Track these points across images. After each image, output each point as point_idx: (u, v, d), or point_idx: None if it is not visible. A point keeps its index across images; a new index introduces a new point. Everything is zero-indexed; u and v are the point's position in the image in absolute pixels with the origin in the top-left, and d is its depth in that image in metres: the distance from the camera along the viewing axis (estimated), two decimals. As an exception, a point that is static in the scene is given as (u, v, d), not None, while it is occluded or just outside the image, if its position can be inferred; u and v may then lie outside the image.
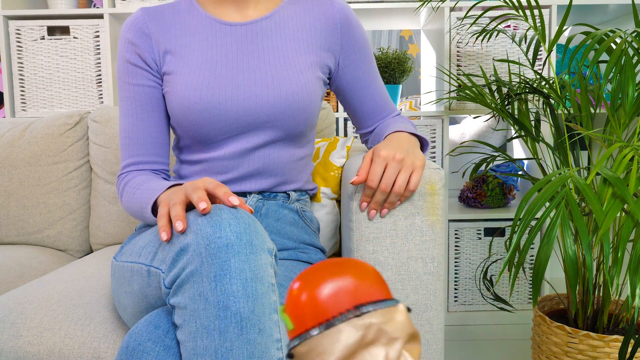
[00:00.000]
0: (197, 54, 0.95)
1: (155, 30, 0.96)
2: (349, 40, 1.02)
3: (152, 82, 0.97)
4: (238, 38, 0.97)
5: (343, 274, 0.38)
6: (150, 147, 0.98)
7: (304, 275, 0.39)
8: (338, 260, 0.39)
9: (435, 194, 0.87)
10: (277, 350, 0.67)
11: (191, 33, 0.97)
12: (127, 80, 0.97)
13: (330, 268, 0.38)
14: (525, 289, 1.92)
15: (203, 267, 0.65)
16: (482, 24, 1.80)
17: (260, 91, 0.93)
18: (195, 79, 0.93)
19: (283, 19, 0.99)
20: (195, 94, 0.92)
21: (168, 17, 0.98)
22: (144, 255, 0.78)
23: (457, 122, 2.64)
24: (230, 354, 0.63)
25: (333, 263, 0.39)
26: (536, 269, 0.98)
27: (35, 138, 1.48)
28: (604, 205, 0.99)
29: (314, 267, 0.39)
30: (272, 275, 0.69)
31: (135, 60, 0.96)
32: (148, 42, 0.96)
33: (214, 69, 0.94)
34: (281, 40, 0.97)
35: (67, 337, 0.87)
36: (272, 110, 0.93)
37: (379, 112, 1.08)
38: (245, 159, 0.96)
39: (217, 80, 0.93)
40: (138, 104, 0.97)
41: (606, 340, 1.15)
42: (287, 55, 0.96)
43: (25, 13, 1.79)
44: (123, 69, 0.97)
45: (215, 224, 0.67)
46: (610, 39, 1.11)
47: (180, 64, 0.95)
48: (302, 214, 1.03)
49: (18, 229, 1.47)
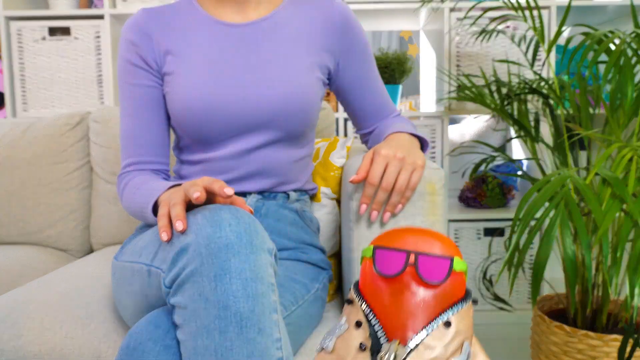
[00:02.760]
0: (197, 55, 0.95)
1: (156, 31, 0.97)
2: (349, 42, 1.02)
3: (152, 82, 0.97)
4: (238, 39, 0.97)
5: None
6: (150, 147, 0.98)
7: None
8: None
9: (435, 194, 0.87)
10: (277, 350, 0.67)
11: (192, 33, 0.97)
12: (128, 80, 0.97)
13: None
14: (524, 288, 1.93)
15: (203, 266, 0.65)
16: (482, 25, 1.80)
17: (260, 92, 0.93)
18: (196, 79, 0.93)
19: (283, 20, 1.00)
20: (195, 94, 0.92)
21: (169, 18, 0.98)
22: (144, 255, 0.78)
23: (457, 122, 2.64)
24: (230, 354, 0.63)
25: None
26: (535, 269, 0.98)
27: (36, 138, 1.49)
28: (603, 205, 1.00)
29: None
30: (272, 275, 0.69)
31: (136, 60, 0.96)
32: (149, 42, 0.96)
33: (214, 69, 0.94)
34: (281, 41, 0.98)
35: (68, 337, 0.87)
36: (272, 110, 0.93)
37: (379, 113, 1.08)
38: (245, 159, 0.97)
39: (218, 80, 0.93)
40: (138, 104, 0.97)
41: (605, 340, 1.15)
42: (287, 56, 0.97)
43: (27, 14, 1.80)
44: (124, 69, 0.98)
45: (216, 224, 0.67)
46: (609, 39, 1.12)
47: (181, 64, 0.95)
48: (302, 214, 1.03)
49: (19, 229, 1.47)
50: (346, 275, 0.98)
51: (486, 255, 1.90)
